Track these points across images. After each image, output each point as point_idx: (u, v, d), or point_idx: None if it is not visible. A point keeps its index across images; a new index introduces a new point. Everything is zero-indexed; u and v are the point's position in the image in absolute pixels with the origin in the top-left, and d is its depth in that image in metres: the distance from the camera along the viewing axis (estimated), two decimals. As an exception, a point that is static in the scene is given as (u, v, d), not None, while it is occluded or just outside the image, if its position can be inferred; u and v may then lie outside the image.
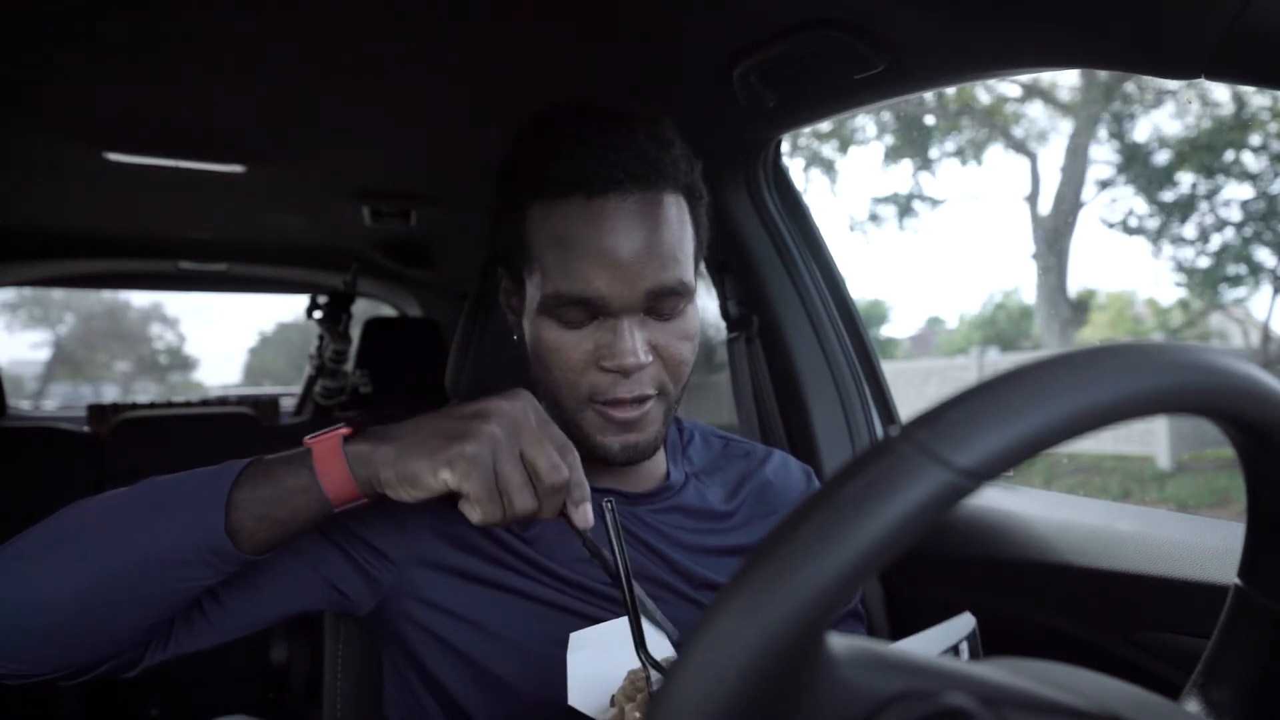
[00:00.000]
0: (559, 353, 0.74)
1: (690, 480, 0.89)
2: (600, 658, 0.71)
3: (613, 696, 0.62)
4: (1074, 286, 10.71)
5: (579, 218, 0.71)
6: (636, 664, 0.63)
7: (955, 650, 0.45)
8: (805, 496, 0.90)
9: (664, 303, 0.73)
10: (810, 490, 0.95)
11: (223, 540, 0.62)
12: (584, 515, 0.64)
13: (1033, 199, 10.23)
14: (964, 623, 0.55)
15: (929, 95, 2.20)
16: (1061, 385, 0.31)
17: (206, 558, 0.63)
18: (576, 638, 0.72)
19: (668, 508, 0.85)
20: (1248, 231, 8.09)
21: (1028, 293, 13.36)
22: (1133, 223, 8.94)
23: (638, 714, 0.60)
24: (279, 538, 0.65)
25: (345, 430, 0.65)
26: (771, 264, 1.38)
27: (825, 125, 1.48)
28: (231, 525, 0.62)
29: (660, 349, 0.75)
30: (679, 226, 0.74)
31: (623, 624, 0.71)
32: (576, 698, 0.67)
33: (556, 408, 0.77)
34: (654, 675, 0.63)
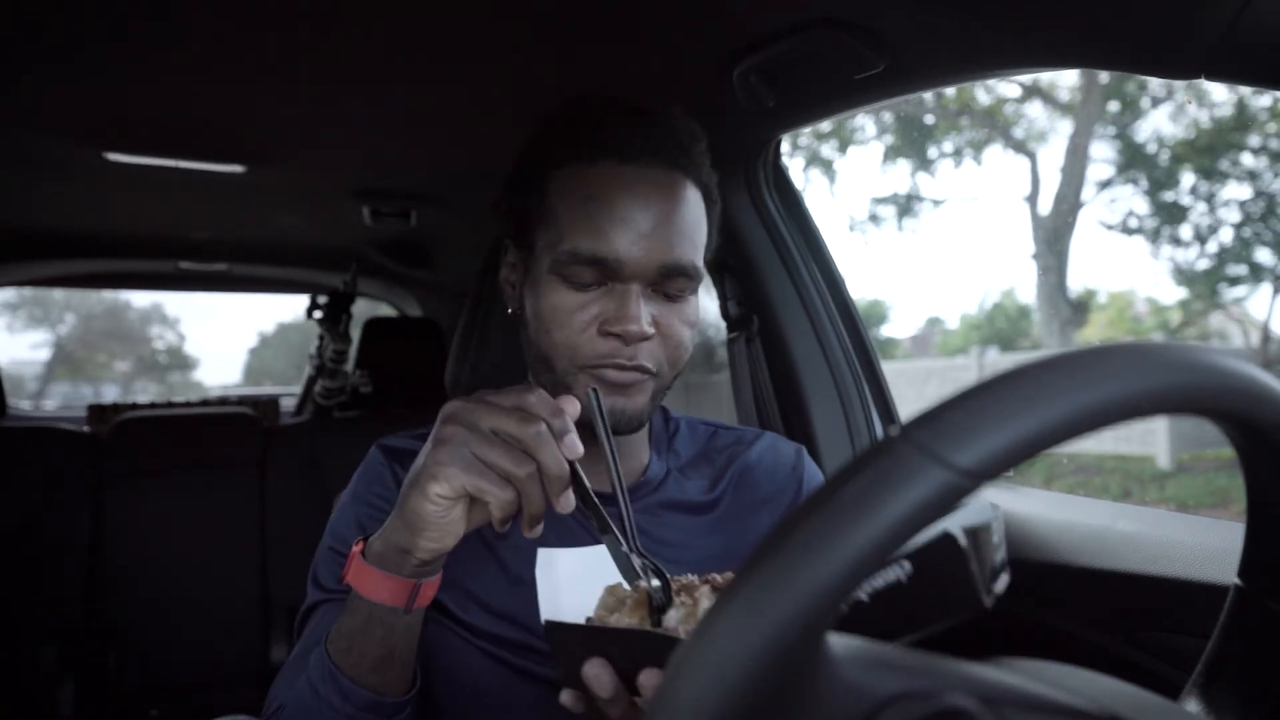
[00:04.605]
0: (562, 313, 0.73)
1: (671, 474, 0.87)
2: (569, 583, 0.70)
3: (588, 618, 0.59)
4: (1074, 286, 10.72)
5: (608, 180, 0.72)
6: (608, 583, 0.61)
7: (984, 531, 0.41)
8: (795, 471, 0.91)
9: (674, 281, 0.73)
10: (801, 465, 0.92)
11: (383, 700, 0.66)
12: (571, 445, 0.60)
13: (1033, 199, 10.24)
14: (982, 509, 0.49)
15: (929, 95, 2.20)
16: (1061, 385, 0.31)
17: None
18: (545, 556, 0.70)
19: (646, 505, 0.84)
20: (1247, 232, 8.09)
21: (1024, 292, 13.37)
22: (1132, 223, 8.94)
23: (629, 619, 0.57)
24: (405, 661, 0.68)
25: (359, 545, 0.66)
26: (771, 264, 1.38)
27: (825, 125, 1.48)
28: (376, 691, 0.65)
29: (662, 327, 0.74)
30: (697, 214, 0.76)
31: (589, 553, 0.68)
32: (549, 613, 0.66)
33: (549, 371, 0.75)
34: (644, 582, 0.58)
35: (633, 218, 0.71)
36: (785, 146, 1.39)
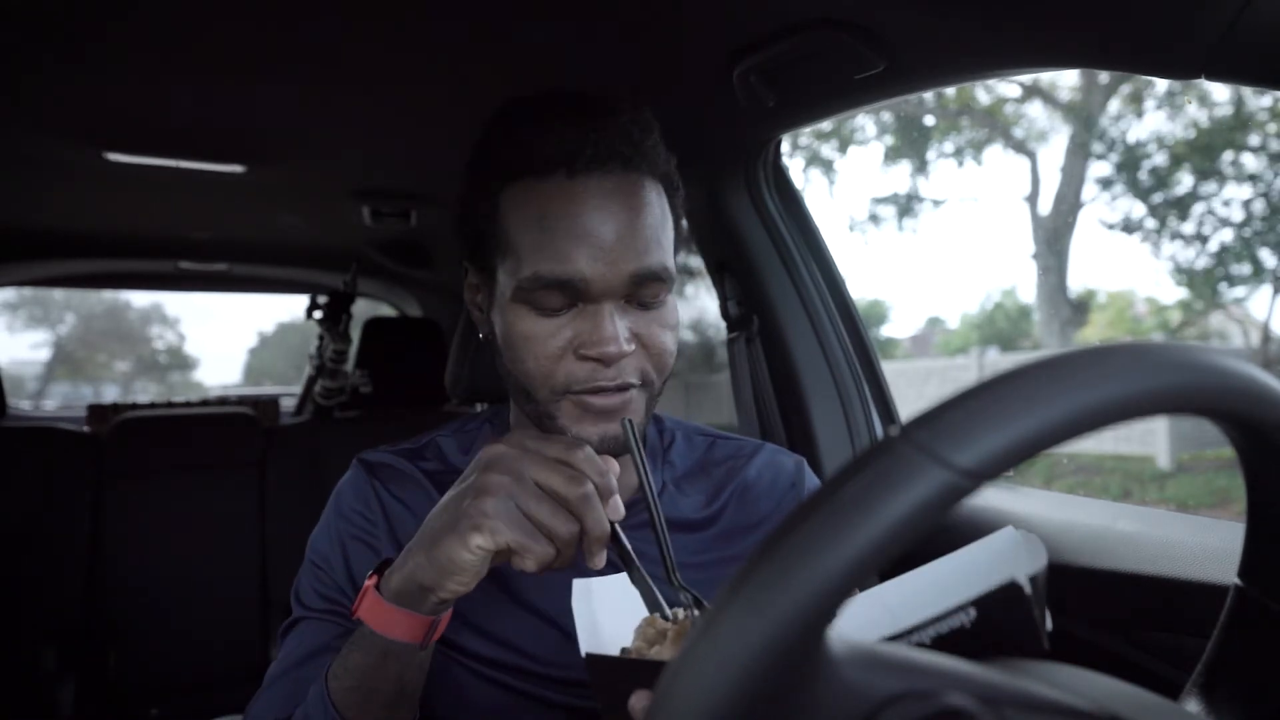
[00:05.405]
0: (534, 342, 0.69)
1: (666, 488, 0.85)
2: (604, 612, 0.69)
3: (624, 649, 0.58)
4: (1074, 286, 10.71)
5: (561, 196, 0.68)
6: (644, 615, 0.60)
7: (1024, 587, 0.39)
8: (794, 488, 0.89)
9: (646, 289, 0.70)
10: (801, 480, 0.90)
11: None
12: (615, 507, 0.60)
13: (1033, 199, 10.24)
14: (1009, 540, 0.46)
15: (929, 95, 2.20)
16: (1062, 385, 0.31)
17: None
18: (580, 585, 0.69)
19: (641, 523, 0.78)
20: (1247, 231, 8.09)
21: (1024, 292, 13.37)
22: (1132, 223, 8.95)
23: (672, 652, 0.55)
24: (414, 698, 0.67)
25: (373, 579, 0.65)
26: (771, 264, 1.38)
27: (825, 125, 1.48)
28: None
29: (642, 337, 0.71)
30: (660, 212, 0.72)
31: (621, 579, 0.69)
32: (588, 645, 0.66)
33: (529, 401, 0.73)
34: (680, 610, 0.58)
35: (593, 233, 0.67)
36: (785, 146, 1.39)
